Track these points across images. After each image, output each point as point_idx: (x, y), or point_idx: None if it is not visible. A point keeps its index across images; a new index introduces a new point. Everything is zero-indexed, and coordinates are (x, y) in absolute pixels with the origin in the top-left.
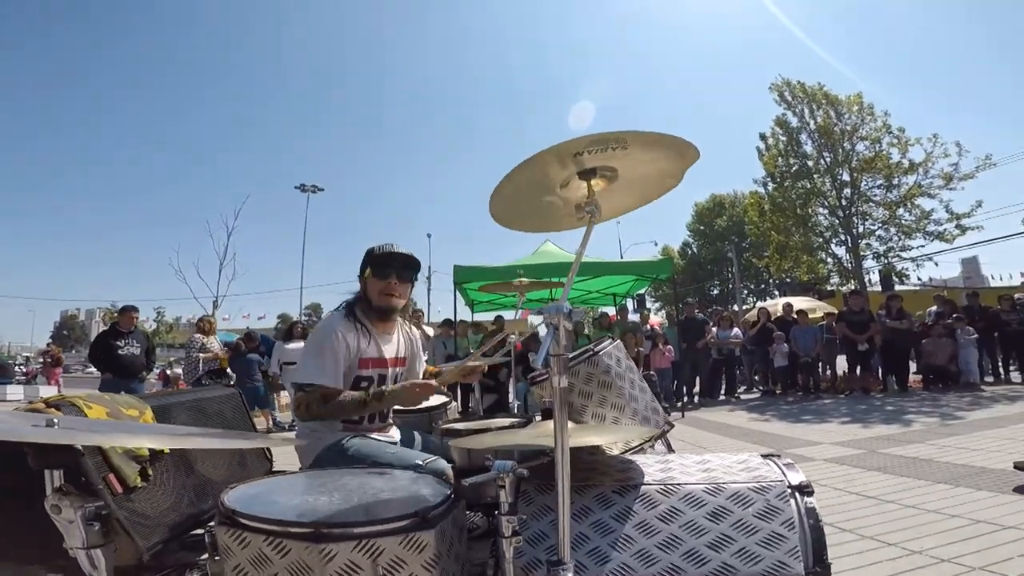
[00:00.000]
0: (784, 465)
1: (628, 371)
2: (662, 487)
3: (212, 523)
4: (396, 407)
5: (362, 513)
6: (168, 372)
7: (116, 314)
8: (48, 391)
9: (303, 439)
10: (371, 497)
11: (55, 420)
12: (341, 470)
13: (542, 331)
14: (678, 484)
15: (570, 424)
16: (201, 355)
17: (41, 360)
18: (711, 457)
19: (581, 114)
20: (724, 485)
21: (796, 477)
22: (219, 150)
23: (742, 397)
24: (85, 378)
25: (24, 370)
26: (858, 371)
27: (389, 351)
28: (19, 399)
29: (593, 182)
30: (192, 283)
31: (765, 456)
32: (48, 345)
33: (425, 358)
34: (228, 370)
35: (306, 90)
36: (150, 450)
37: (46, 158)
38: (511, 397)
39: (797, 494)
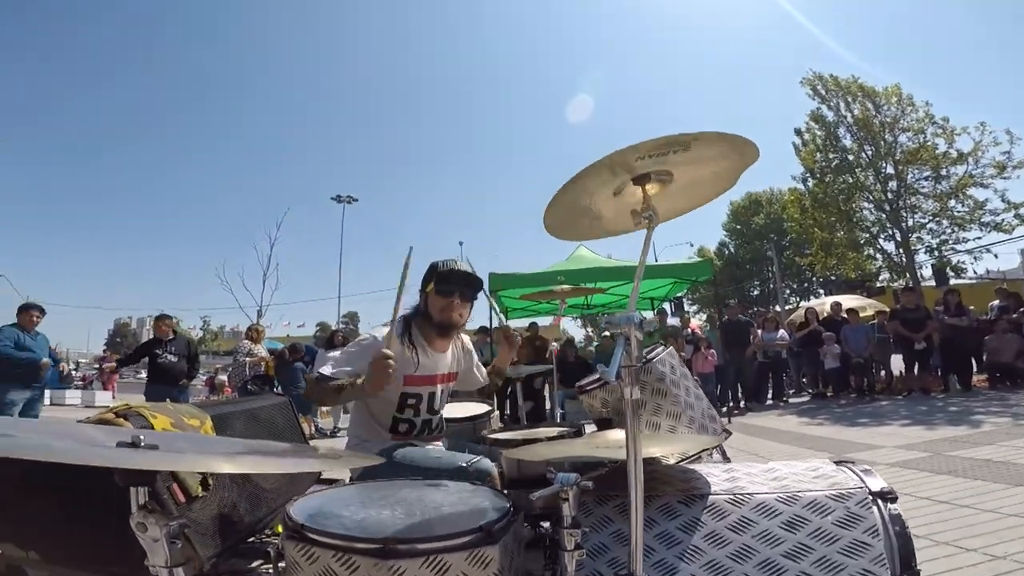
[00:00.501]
0: (861, 471)
1: (683, 378)
2: (731, 497)
3: (267, 531)
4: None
5: (427, 528)
6: (215, 379)
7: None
8: (103, 396)
9: (352, 448)
10: (433, 511)
11: (140, 438)
12: (399, 482)
13: (577, 335)
14: (749, 494)
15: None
16: (248, 359)
17: (98, 366)
18: (778, 465)
19: (579, 107)
20: (799, 494)
21: (876, 483)
22: (263, 162)
23: (791, 401)
24: (138, 383)
25: (80, 376)
26: (916, 371)
27: (440, 367)
28: (76, 403)
29: (648, 187)
30: (237, 293)
31: (837, 462)
32: (104, 352)
33: (453, 369)
34: (272, 376)
35: (338, 102)
36: None
37: (101, 168)
38: (548, 405)
39: (879, 500)
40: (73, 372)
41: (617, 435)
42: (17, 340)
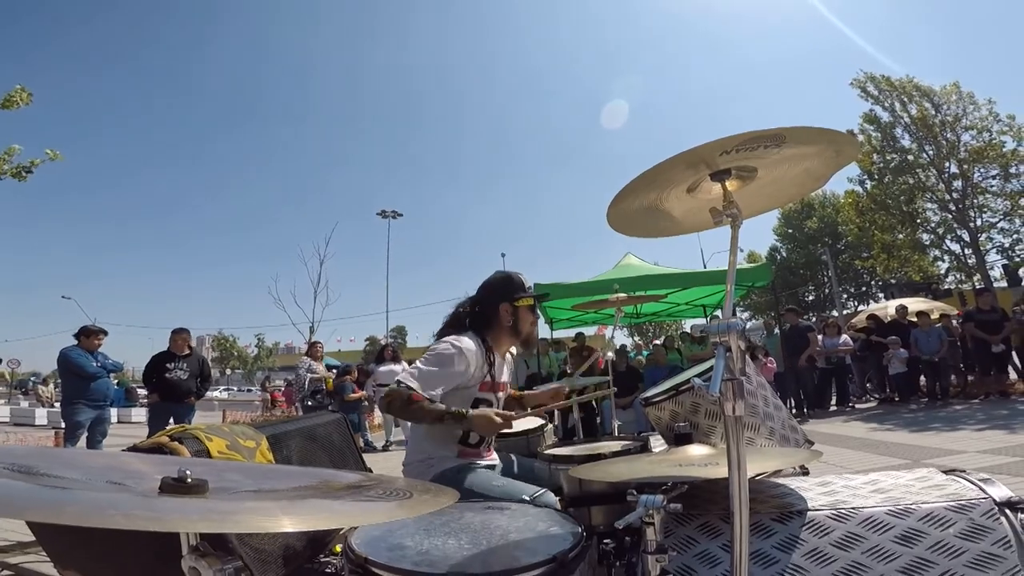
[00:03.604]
0: (980, 480)
1: (760, 388)
2: (833, 512)
3: (324, 555)
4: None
5: (497, 559)
6: (264, 396)
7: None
8: None
9: (416, 464)
10: (500, 539)
11: (187, 472)
12: (460, 505)
13: (617, 342)
14: (853, 508)
15: (708, 450)
16: (309, 375)
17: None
18: (879, 476)
19: (614, 113)
20: (913, 506)
21: (1000, 492)
22: (309, 181)
23: (856, 407)
24: (204, 401)
25: (145, 393)
26: (993, 374)
27: (503, 376)
28: (142, 420)
29: (727, 183)
30: (289, 310)
31: (947, 472)
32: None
33: (507, 379)
34: (332, 392)
35: (381, 119)
36: None
37: (152, 189)
38: (598, 418)
39: (1008, 511)
40: (139, 390)
41: (699, 451)
42: (90, 360)
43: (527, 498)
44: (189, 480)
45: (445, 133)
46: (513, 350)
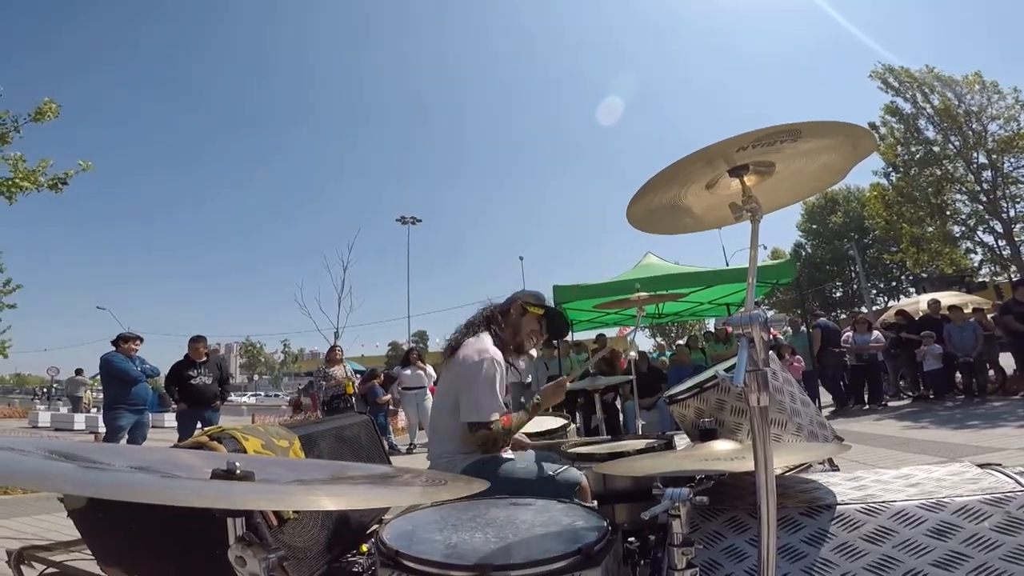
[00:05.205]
0: (1017, 474)
1: (786, 384)
2: (863, 506)
3: (351, 555)
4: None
5: (523, 552)
6: (300, 400)
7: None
8: None
9: (440, 463)
10: (526, 532)
11: (236, 464)
12: (485, 501)
13: (645, 345)
14: (884, 502)
15: (734, 445)
16: (323, 382)
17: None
18: (912, 471)
19: (609, 109)
20: (946, 500)
21: None
22: (328, 189)
23: (889, 405)
24: (228, 405)
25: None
26: None
27: (512, 377)
28: (175, 426)
29: (745, 178)
30: (315, 316)
31: (982, 466)
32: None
33: (528, 380)
34: (352, 395)
35: (397, 125)
36: None
37: (178, 197)
38: (621, 418)
39: None
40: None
41: (724, 446)
42: (132, 365)
43: (551, 474)
44: (238, 471)
45: (458, 136)
46: (534, 353)
